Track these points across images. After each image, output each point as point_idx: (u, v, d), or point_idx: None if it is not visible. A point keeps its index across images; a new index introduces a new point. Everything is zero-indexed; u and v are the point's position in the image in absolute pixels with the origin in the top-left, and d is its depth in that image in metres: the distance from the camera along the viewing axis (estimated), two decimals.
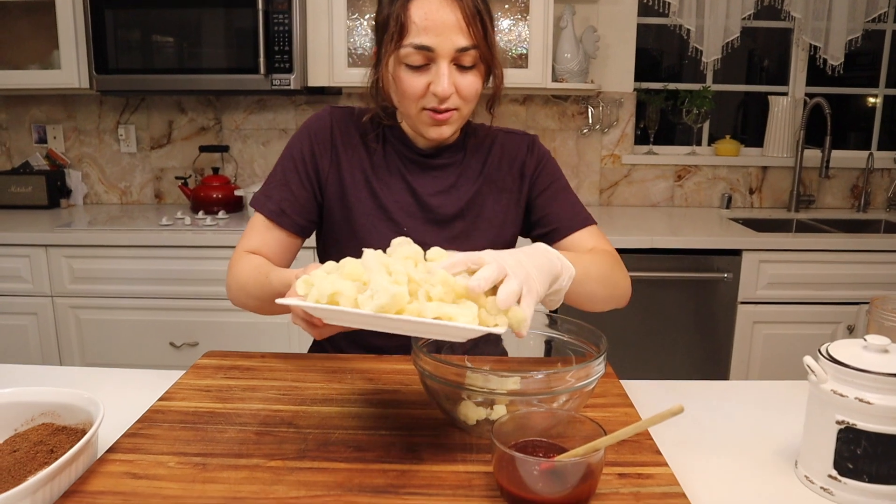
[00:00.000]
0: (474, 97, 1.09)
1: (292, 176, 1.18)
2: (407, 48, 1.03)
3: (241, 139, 2.94)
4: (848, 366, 0.73)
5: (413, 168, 1.19)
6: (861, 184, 2.97)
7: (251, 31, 2.41)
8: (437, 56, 1.03)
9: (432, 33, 1.01)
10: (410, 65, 1.04)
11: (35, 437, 0.81)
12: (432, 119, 1.07)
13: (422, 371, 0.84)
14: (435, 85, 1.04)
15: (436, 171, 1.19)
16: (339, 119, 1.19)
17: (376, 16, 1.10)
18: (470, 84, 1.06)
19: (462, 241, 1.18)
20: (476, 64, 1.06)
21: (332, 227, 1.20)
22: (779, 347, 2.41)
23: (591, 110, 2.91)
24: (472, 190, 1.20)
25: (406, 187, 1.18)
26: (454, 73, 1.04)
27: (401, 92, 1.07)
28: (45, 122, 2.95)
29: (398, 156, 1.19)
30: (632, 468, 0.77)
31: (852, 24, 2.80)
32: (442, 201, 1.18)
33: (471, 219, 1.19)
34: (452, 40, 1.02)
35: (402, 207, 1.17)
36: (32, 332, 2.41)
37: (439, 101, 1.05)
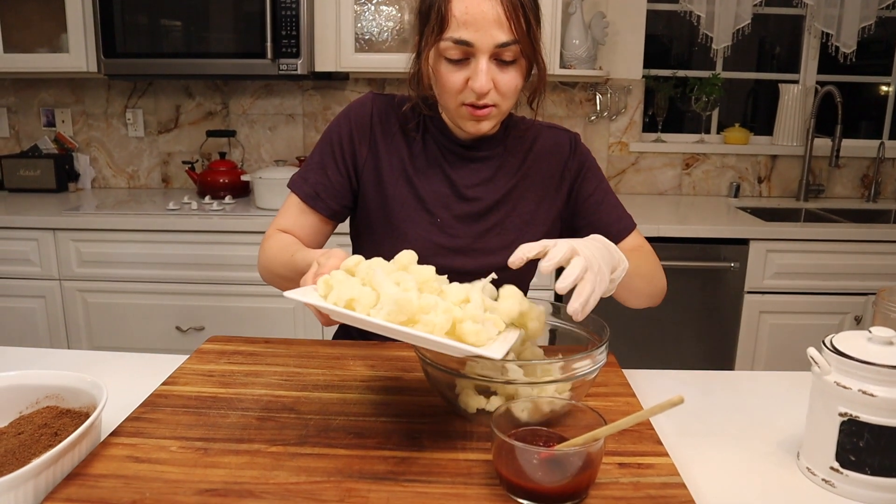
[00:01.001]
0: (514, 93, 1.08)
1: (329, 161, 1.18)
2: (447, 42, 1.01)
3: (248, 124, 2.94)
4: (852, 358, 0.73)
5: (452, 159, 1.18)
6: (871, 173, 2.95)
7: (259, 15, 2.40)
8: (477, 51, 1.01)
9: (472, 28, 0.99)
10: (450, 59, 1.03)
11: (39, 419, 0.82)
12: (471, 114, 1.07)
13: (423, 358, 0.84)
14: (473, 81, 1.02)
15: (475, 163, 1.18)
16: (380, 106, 1.19)
17: (419, 4, 1.08)
18: (510, 80, 1.05)
19: (494, 235, 1.18)
20: (517, 59, 1.04)
21: (367, 215, 1.20)
22: (785, 338, 2.40)
23: (599, 97, 2.89)
24: (509, 183, 1.19)
25: (444, 178, 1.17)
26: (493, 69, 1.03)
27: (440, 85, 1.07)
28: (53, 105, 2.95)
29: (437, 146, 1.18)
30: (632, 458, 0.77)
31: (865, 11, 2.76)
32: (479, 193, 1.18)
33: (505, 212, 1.19)
34: (492, 35, 1.00)
35: (439, 198, 1.17)
36: (40, 315, 2.43)
37: (477, 97, 1.04)
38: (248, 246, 2.34)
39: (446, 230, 1.16)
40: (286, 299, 1.30)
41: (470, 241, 1.17)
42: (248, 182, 2.72)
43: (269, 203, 2.47)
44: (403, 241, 1.14)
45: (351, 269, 0.83)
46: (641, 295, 1.11)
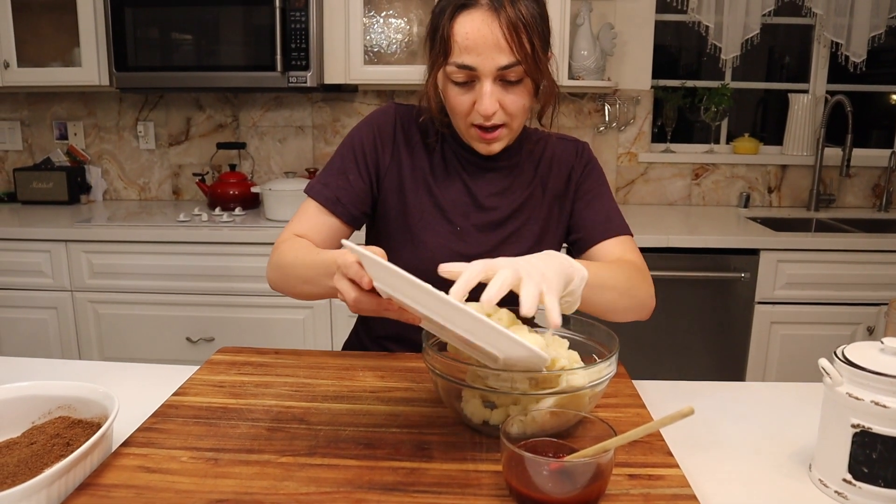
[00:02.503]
0: (521, 112, 1.08)
1: (351, 166, 1.18)
2: (451, 66, 1.03)
3: (258, 136, 2.96)
4: (864, 369, 0.72)
5: (471, 169, 1.19)
6: (883, 183, 2.93)
7: (268, 28, 2.42)
8: (480, 75, 1.03)
9: (474, 53, 1.01)
10: (456, 82, 1.05)
11: (52, 429, 0.82)
12: (480, 137, 1.09)
13: (432, 369, 0.84)
14: (478, 104, 1.04)
15: (492, 173, 1.19)
16: (402, 116, 1.20)
17: (428, 25, 1.10)
18: (515, 100, 1.06)
19: (512, 243, 1.19)
20: (522, 79, 1.04)
21: (386, 222, 1.20)
22: (796, 348, 2.38)
23: (608, 108, 2.89)
24: (525, 193, 1.20)
25: (463, 188, 1.19)
26: (498, 91, 1.04)
27: (450, 107, 1.09)
28: (65, 118, 2.99)
29: (456, 157, 1.19)
30: (642, 469, 0.77)
31: (875, 20, 2.75)
32: (497, 202, 1.19)
33: (522, 221, 1.20)
34: (494, 59, 1.01)
35: (458, 207, 1.18)
36: (52, 326, 2.44)
37: (484, 119, 1.05)
38: (258, 257, 2.35)
39: (464, 238, 1.18)
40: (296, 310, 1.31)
41: (487, 249, 1.17)
42: (258, 194, 2.73)
43: (279, 215, 2.49)
44: (423, 249, 1.16)
45: None
46: (616, 308, 1.06)
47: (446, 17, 1.02)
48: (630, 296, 1.07)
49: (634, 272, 1.10)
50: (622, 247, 1.18)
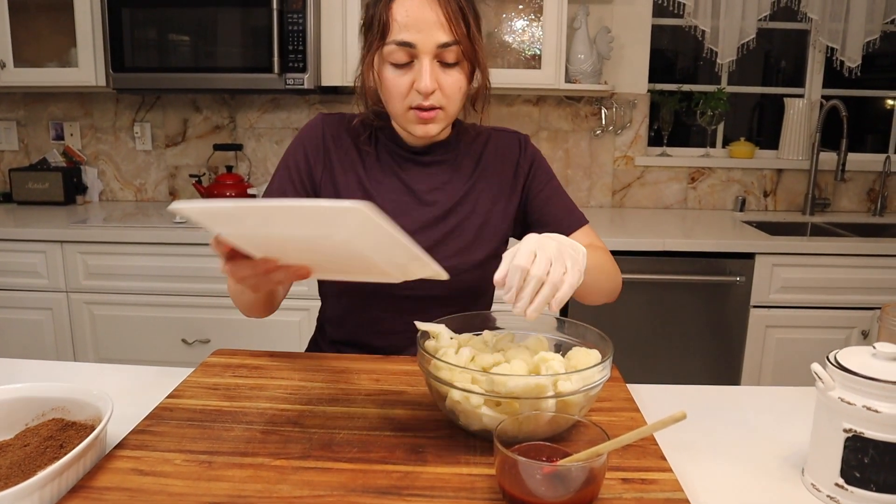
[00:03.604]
0: (458, 95, 1.10)
1: (288, 185, 1.20)
2: (390, 45, 1.04)
3: (254, 138, 2.96)
4: (856, 373, 0.73)
5: (407, 165, 1.20)
6: (878, 187, 2.94)
7: (266, 30, 2.42)
8: (419, 52, 1.04)
9: (413, 30, 1.03)
10: (394, 63, 1.06)
11: (45, 432, 0.82)
12: (418, 117, 1.08)
13: (426, 372, 0.84)
14: (418, 82, 1.05)
15: (430, 168, 1.21)
16: (330, 125, 1.22)
17: (364, 16, 1.12)
18: (453, 81, 1.08)
19: (453, 238, 1.19)
20: (459, 61, 1.07)
21: None
22: (791, 352, 2.39)
23: (605, 111, 2.89)
24: (465, 186, 1.21)
25: (401, 185, 1.20)
26: (437, 71, 1.06)
27: (386, 91, 1.09)
28: (62, 119, 2.98)
29: (391, 155, 1.21)
30: (636, 473, 0.77)
31: (870, 25, 2.76)
32: (437, 197, 1.20)
33: (464, 214, 1.20)
34: (434, 36, 1.03)
35: (398, 205, 1.18)
36: (47, 327, 2.44)
37: (423, 98, 1.06)
38: None
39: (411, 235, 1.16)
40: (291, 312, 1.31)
41: (430, 245, 1.17)
42: (255, 195, 2.73)
43: None
44: None
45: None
46: (601, 291, 1.13)
47: (383, 1, 1.05)
48: (611, 279, 1.14)
49: (610, 257, 1.17)
50: (588, 236, 1.23)
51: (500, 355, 0.88)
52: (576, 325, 0.97)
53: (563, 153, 2.95)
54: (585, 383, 0.80)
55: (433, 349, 0.88)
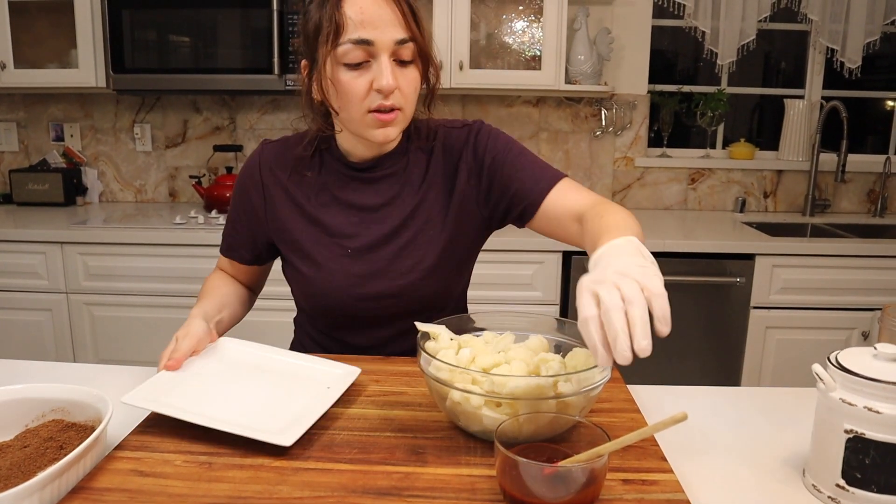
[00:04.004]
0: (414, 94, 1.07)
1: (234, 215, 1.24)
2: (345, 45, 1.00)
3: (254, 139, 2.96)
4: (857, 374, 0.73)
5: (354, 184, 1.16)
6: (878, 188, 2.94)
7: (266, 31, 2.42)
8: (377, 50, 1.00)
9: (370, 27, 0.99)
10: (350, 63, 1.01)
11: (45, 433, 0.82)
12: (378, 120, 1.04)
13: (426, 373, 0.84)
14: (378, 80, 1.01)
15: (378, 184, 1.16)
16: (268, 157, 1.19)
17: (304, 25, 1.07)
18: (411, 80, 1.05)
19: (408, 253, 1.14)
20: (414, 59, 1.05)
21: (290, 254, 1.20)
22: (792, 353, 2.39)
23: (605, 112, 2.89)
24: (416, 197, 1.15)
25: (348, 205, 1.16)
26: (395, 68, 1.02)
27: (342, 95, 1.04)
28: (62, 120, 2.98)
29: (337, 176, 1.17)
30: (636, 474, 0.77)
31: (870, 26, 2.77)
32: (386, 213, 1.15)
33: (416, 227, 1.15)
34: (391, 33, 1.00)
35: (346, 226, 1.15)
36: (47, 328, 2.44)
37: (384, 97, 1.02)
38: None
39: (360, 258, 1.15)
40: (290, 313, 1.31)
41: (385, 263, 1.14)
42: None
43: None
44: (325, 275, 1.15)
45: None
46: None
47: (331, 2, 1.00)
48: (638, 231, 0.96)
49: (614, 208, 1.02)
50: (571, 191, 1.10)
51: (500, 356, 0.88)
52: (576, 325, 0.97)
53: (562, 154, 2.95)
54: (585, 384, 0.80)
55: (433, 350, 0.88)
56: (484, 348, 0.91)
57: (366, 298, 1.14)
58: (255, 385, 0.97)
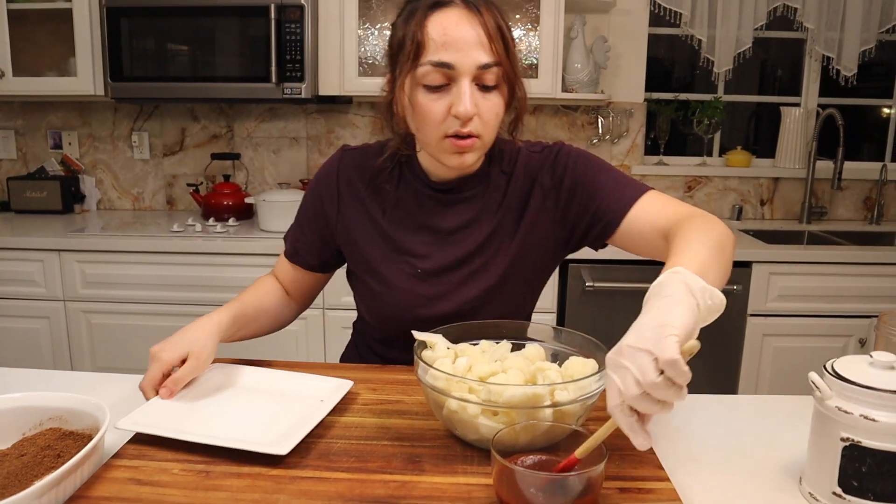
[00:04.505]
0: (496, 121, 1.02)
1: (304, 219, 1.20)
2: (425, 66, 0.96)
3: (252, 147, 2.96)
4: (853, 382, 0.73)
5: (431, 205, 1.12)
6: (874, 196, 2.95)
7: (263, 40, 2.43)
8: (458, 74, 0.96)
9: (452, 49, 0.95)
10: (429, 85, 0.97)
11: (42, 441, 0.82)
12: (454, 146, 0.99)
13: (423, 382, 0.84)
14: (456, 105, 0.96)
15: (457, 206, 1.12)
16: (347, 165, 1.16)
17: (390, 39, 1.04)
18: (492, 106, 0.99)
19: (478, 278, 1.12)
20: (499, 84, 0.99)
21: (356, 266, 1.18)
22: (789, 360, 2.39)
23: (602, 120, 2.90)
24: (493, 222, 1.12)
25: (424, 226, 1.12)
26: (475, 94, 0.97)
27: (419, 117, 1.00)
28: (60, 128, 2.98)
29: (416, 194, 1.13)
30: (633, 482, 0.77)
31: (866, 34, 2.78)
32: (462, 237, 1.12)
33: (490, 254, 1.12)
34: (474, 56, 0.95)
35: (420, 246, 1.12)
36: (44, 335, 2.43)
37: (462, 124, 0.97)
38: (251, 268, 2.35)
39: (429, 279, 1.12)
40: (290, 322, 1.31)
41: (453, 287, 1.12)
42: (252, 204, 2.73)
43: (273, 226, 2.49)
44: (391, 293, 1.13)
45: None
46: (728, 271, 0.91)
47: (417, 17, 0.97)
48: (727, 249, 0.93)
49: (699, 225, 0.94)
50: (657, 204, 1.04)
51: (497, 365, 0.88)
52: (572, 334, 0.97)
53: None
54: (582, 393, 0.80)
55: (430, 359, 0.88)
56: (481, 357, 0.91)
57: (430, 319, 1.07)
58: (249, 403, 0.97)
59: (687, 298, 0.73)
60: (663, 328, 0.69)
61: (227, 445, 0.82)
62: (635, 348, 0.68)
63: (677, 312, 0.71)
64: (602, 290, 2.33)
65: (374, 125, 2.92)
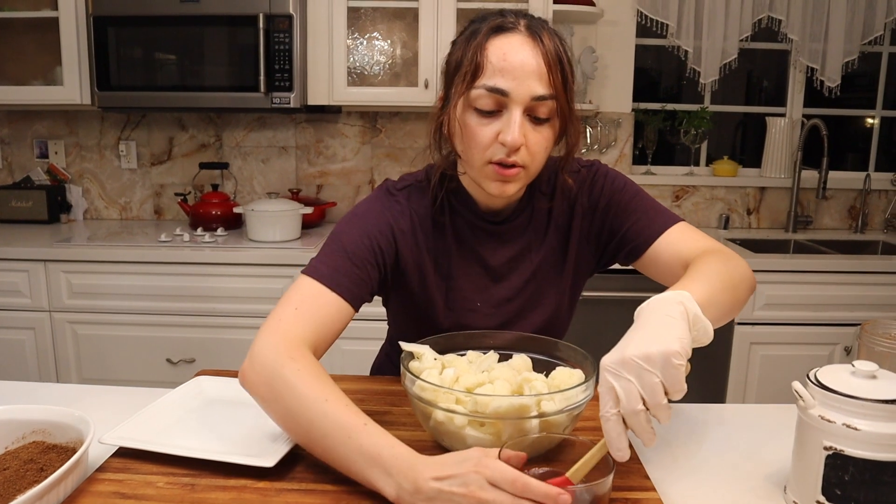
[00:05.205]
0: (544, 155, 0.99)
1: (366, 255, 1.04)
2: (479, 90, 0.94)
3: (241, 156, 2.96)
4: (835, 391, 0.73)
5: (483, 237, 1.10)
6: (858, 205, 2.98)
7: (252, 49, 2.43)
8: (511, 102, 0.94)
9: (509, 76, 0.93)
10: (480, 109, 0.95)
11: (25, 455, 0.81)
12: (497, 174, 0.97)
13: (410, 393, 0.84)
14: (504, 133, 0.94)
15: (506, 236, 1.11)
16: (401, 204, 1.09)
17: (448, 57, 1.02)
18: (542, 140, 0.97)
19: (529, 311, 1.12)
20: (551, 118, 0.97)
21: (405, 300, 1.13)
22: (776, 369, 2.41)
23: (590, 130, 2.92)
24: (543, 248, 1.12)
25: (476, 261, 1.11)
26: (526, 124, 0.95)
27: (467, 139, 0.98)
28: (46, 137, 2.97)
29: (467, 226, 1.10)
30: (619, 493, 0.77)
31: (849, 46, 2.82)
32: (514, 267, 1.11)
33: (544, 276, 1.12)
34: (529, 86, 0.93)
35: (475, 285, 1.10)
36: (30, 346, 2.41)
37: (507, 153, 0.95)
38: (240, 278, 2.34)
39: (489, 312, 1.12)
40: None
41: (512, 316, 1.12)
42: (241, 214, 2.72)
43: (262, 235, 2.48)
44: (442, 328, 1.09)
45: None
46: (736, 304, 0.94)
47: (479, 38, 0.96)
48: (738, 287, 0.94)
49: (722, 259, 0.96)
50: (682, 236, 1.05)
51: (483, 376, 0.88)
52: (559, 344, 0.97)
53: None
54: (569, 403, 0.80)
55: (417, 370, 0.88)
56: (468, 368, 0.91)
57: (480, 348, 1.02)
58: (234, 415, 0.97)
59: (684, 324, 0.77)
60: (673, 357, 0.74)
61: (212, 458, 0.82)
62: (642, 368, 0.71)
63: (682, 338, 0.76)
64: (591, 299, 2.34)
65: (363, 135, 2.92)
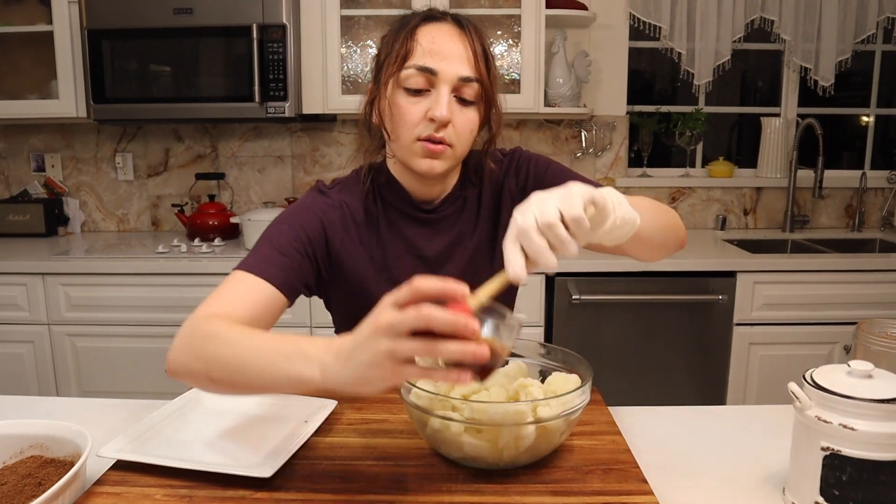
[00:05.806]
0: (469, 135, 1.05)
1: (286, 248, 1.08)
2: (409, 70, 1.01)
3: (237, 166, 2.96)
4: (832, 392, 0.74)
5: (417, 227, 1.14)
6: (855, 203, 2.98)
7: (246, 59, 2.43)
8: (439, 80, 1.01)
9: (437, 57, 1.00)
10: (410, 88, 1.01)
11: (23, 469, 0.81)
12: (425, 150, 1.02)
13: (407, 401, 0.84)
14: (433, 109, 1.00)
15: (439, 226, 1.14)
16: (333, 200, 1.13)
17: (379, 48, 1.08)
18: (468, 121, 1.03)
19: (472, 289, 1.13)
20: (476, 101, 1.04)
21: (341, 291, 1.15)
22: (775, 369, 2.40)
23: (585, 134, 2.93)
24: (474, 238, 1.15)
25: (410, 250, 1.13)
26: (453, 103, 1.02)
27: (396, 118, 1.03)
28: (43, 150, 2.97)
29: (399, 214, 1.13)
30: (617, 497, 0.77)
31: (842, 45, 2.82)
32: (448, 257, 1.14)
33: (477, 264, 1.15)
34: (457, 68, 1.01)
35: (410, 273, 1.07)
36: (29, 360, 2.41)
37: (436, 128, 1.01)
38: None
39: None
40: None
41: None
42: (238, 224, 2.72)
43: None
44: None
45: None
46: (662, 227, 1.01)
47: (409, 26, 1.03)
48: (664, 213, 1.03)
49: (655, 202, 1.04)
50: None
51: None
52: (555, 349, 0.97)
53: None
54: (565, 408, 0.80)
55: None
56: None
57: None
58: (232, 427, 0.97)
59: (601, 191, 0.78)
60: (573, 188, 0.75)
61: (210, 470, 0.81)
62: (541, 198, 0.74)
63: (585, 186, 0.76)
64: (589, 302, 2.34)
65: (358, 143, 2.92)
